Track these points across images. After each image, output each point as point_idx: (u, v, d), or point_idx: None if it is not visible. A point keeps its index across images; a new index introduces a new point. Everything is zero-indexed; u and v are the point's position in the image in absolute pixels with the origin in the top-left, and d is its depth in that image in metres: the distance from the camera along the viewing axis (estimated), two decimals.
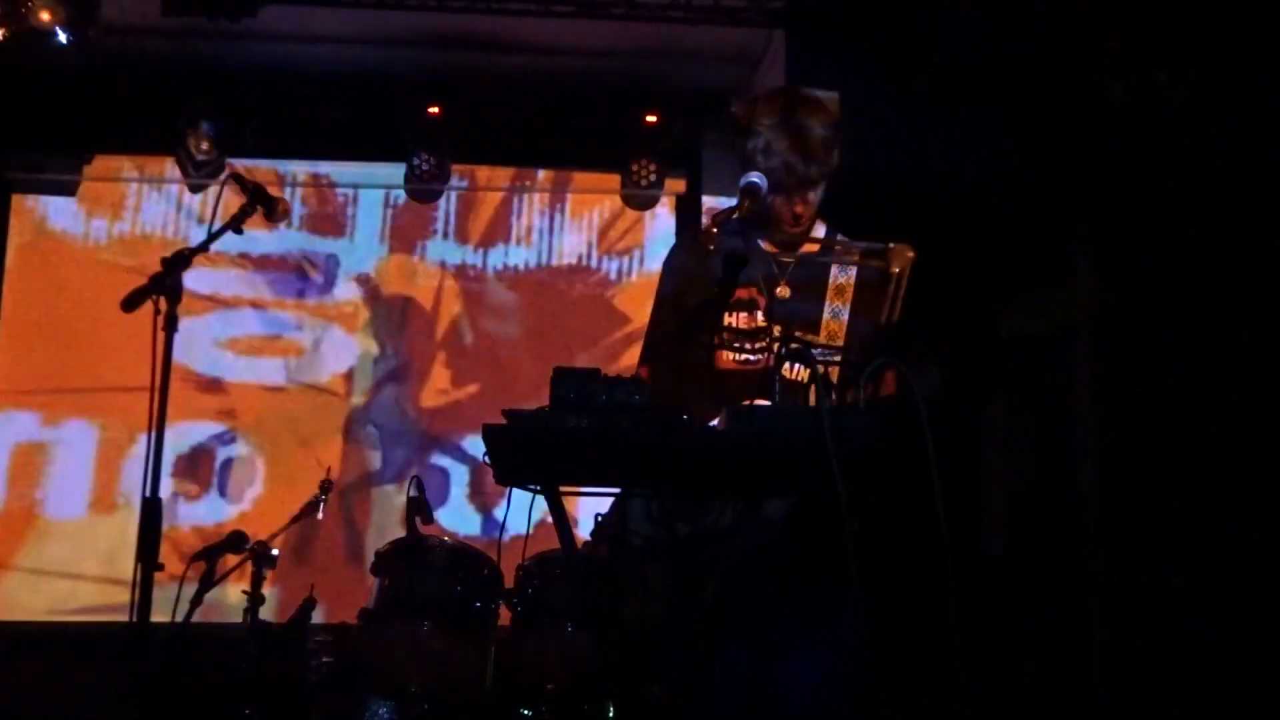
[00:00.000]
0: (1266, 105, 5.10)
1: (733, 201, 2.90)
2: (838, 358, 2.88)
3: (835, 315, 2.97)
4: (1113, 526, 5.46)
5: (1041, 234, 5.68)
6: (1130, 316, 5.48)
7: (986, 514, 5.76)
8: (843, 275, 2.99)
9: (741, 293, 2.96)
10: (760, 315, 3.00)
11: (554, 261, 6.78)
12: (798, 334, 2.87)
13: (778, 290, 3.02)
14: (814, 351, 2.65)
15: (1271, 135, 5.14)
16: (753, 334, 2.96)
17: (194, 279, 4.10)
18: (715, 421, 2.61)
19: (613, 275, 6.70)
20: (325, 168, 6.72)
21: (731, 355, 2.99)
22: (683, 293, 3.09)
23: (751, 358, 2.98)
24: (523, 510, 2.67)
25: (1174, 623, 5.04)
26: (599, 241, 6.78)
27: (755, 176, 2.87)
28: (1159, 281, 5.44)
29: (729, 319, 2.98)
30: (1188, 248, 5.37)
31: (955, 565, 2.40)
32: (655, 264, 5.51)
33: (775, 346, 2.86)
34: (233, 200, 3.49)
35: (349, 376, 6.68)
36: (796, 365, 2.87)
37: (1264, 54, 4.98)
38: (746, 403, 2.69)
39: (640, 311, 3.35)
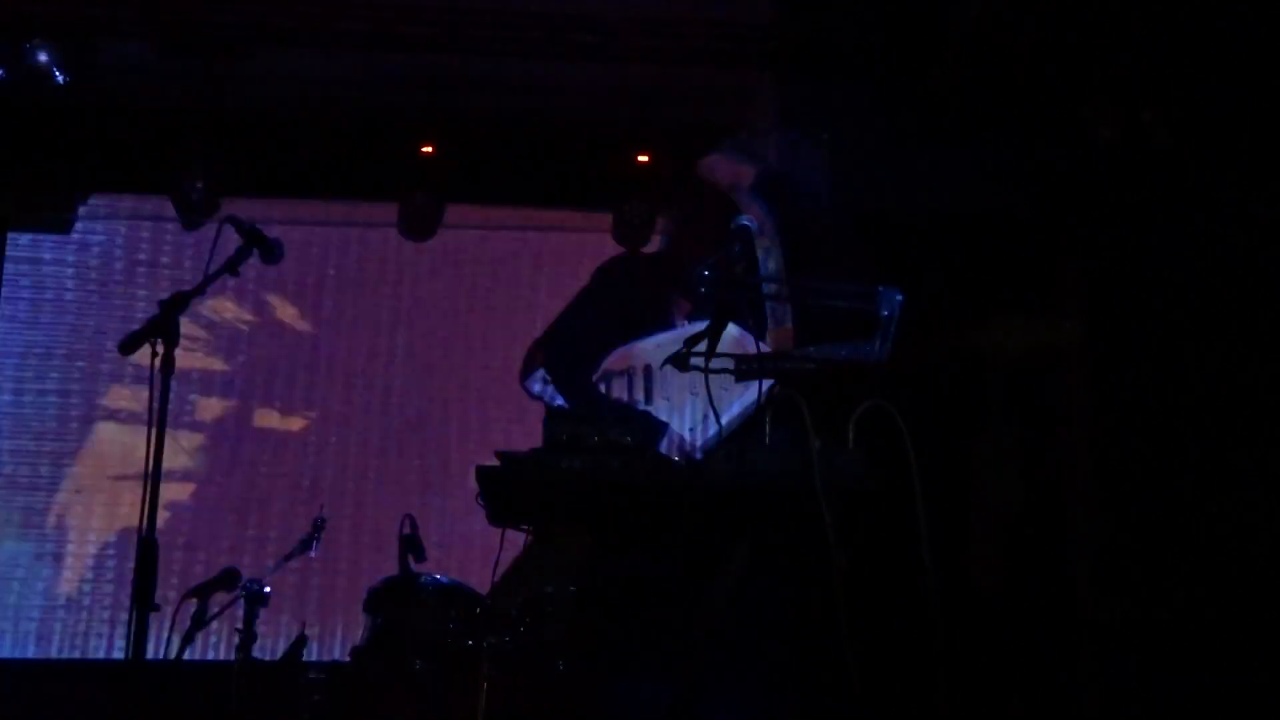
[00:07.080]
0: (1249, 143, 5.16)
1: None
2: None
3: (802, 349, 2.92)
4: (1103, 560, 5.48)
5: (1031, 270, 5.73)
6: (1121, 351, 5.52)
7: (974, 546, 5.78)
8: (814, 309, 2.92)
9: None
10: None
11: (545, 300, 6.80)
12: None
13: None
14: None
15: (1255, 172, 5.21)
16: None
17: None
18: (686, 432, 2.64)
19: None
20: (319, 208, 6.74)
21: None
22: (616, 301, 3.10)
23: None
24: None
25: (1165, 658, 5.05)
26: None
27: (746, 220, 2.89)
28: (1149, 315, 5.48)
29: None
30: (1176, 282, 5.42)
31: (940, 600, 2.42)
32: None
33: (769, 388, 2.82)
34: (229, 242, 3.50)
35: None
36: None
37: (1246, 93, 5.05)
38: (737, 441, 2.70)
39: None
